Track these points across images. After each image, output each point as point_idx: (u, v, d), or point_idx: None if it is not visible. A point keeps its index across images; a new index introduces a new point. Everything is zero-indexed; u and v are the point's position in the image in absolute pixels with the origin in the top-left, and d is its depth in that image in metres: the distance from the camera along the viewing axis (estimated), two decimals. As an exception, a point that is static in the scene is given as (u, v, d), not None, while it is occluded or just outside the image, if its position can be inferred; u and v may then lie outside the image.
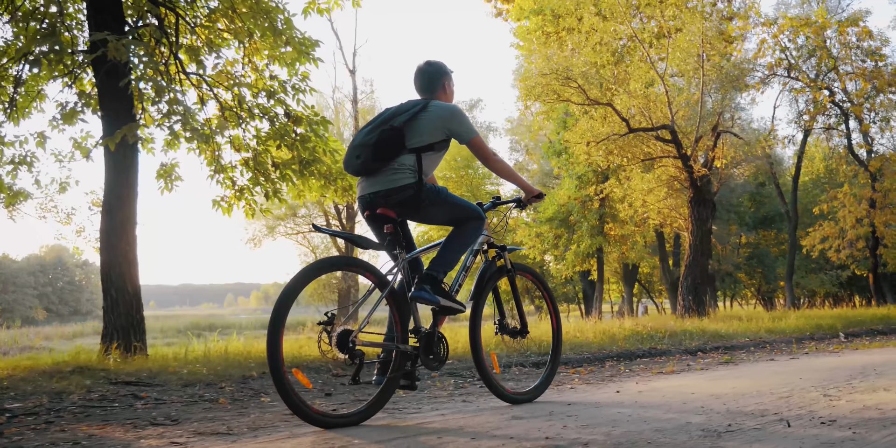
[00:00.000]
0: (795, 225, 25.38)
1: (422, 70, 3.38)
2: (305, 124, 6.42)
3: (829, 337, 8.99)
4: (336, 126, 25.45)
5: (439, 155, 3.26)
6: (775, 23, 21.56)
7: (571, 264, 20.01)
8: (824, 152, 26.51)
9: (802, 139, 25.12)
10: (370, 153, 3.04)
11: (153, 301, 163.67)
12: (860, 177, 23.00)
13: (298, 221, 26.21)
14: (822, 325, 9.81)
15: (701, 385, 4.01)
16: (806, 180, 33.33)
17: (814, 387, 3.75)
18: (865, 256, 25.08)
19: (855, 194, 22.66)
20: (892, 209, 22.24)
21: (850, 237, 22.64)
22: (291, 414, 3.10)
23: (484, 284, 3.46)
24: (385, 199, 3.07)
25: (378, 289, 3.03)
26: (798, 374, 4.41)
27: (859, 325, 10.40)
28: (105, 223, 5.93)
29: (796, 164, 25.46)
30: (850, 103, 22.54)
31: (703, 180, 11.68)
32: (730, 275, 35.30)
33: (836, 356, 5.97)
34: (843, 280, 33.81)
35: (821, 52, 21.75)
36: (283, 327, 2.73)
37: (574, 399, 3.54)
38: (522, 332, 3.63)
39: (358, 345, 2.83)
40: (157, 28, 5.85)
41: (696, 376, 4.55)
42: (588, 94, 10.87)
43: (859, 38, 21.81)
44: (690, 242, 11.82)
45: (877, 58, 21.09)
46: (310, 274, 2.86)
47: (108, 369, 4.69)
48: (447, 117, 3.19)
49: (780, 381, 4.08)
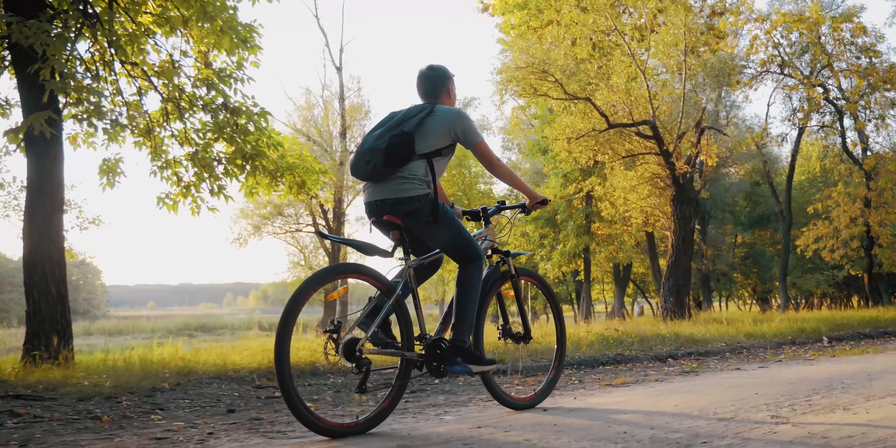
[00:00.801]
0: (789, 225, 24.97)
1: (425, 75, 3.32)
2: (246, 116, 6.01)
3: (812, 341, 8.59)
4: (325, 124, 25.07)
5: (446, 160, 3.22)
6: (768, 18, 21.14)
7: (557, 264, 19.58)
8: (819, 151, 26.05)
9: (797, 137, 24.70)
10: (380, 158, 2.97)
11: (152, 301, 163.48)
12: (855, 175, 22.58)
13: (287, 220, 25.78)
14: (805, 328, 9.40)
15: (642, 402, 3.61)
16: (802, 180, 32.92)
17: (766, 405, 3.35)
18: (860, 256, 24.65)
19: (849, 193, 22.22)
20: (887, 208, 21.81)
21: (844, 237, 22.22)
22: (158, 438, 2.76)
23: (487, 290, 3.40)
24: (392, 208, 3.03)
25: (384, 296, 3.00)
26: (756, 388, 4.02)
27: (846, 329, 10.00)
28: (27, 222, 5.54)
29: (790, 163, 25.02)
30: (846, 101, 22.08)
31: (686, 178, 11.27)
32: (725, 275, 34.93)
33: (808, 365, 5.57)
34: (839, 280, 33.43)
35: (814, 49, 21.32)
36: (290, 336, 2.69)
37: (487, 421, 3.14)
38: (526, 338, 3.61)
39: (365, 353, 2.82)
40: (81, 12, 5.45)
41: (645, 390, 4.15)
42: (566, 88, 10.45)
43: (853, 35, 21.39)
44: (673, 242, 11.40)
45: (871, 54, 20.65)
46: (317, 281, 2.81)
47: (5, 380, 4.31)
48: (454, 121, 3.14)
49: (733, 396, 3.68)
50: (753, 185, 34.28)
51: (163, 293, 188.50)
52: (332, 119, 25.22)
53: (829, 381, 4.21)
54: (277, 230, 25.78)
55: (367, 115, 25.20)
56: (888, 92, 21.67)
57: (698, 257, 32.97)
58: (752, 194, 35.58)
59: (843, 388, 3.90)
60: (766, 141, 24.56)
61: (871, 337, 9.38)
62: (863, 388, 3.85)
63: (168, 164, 6.60)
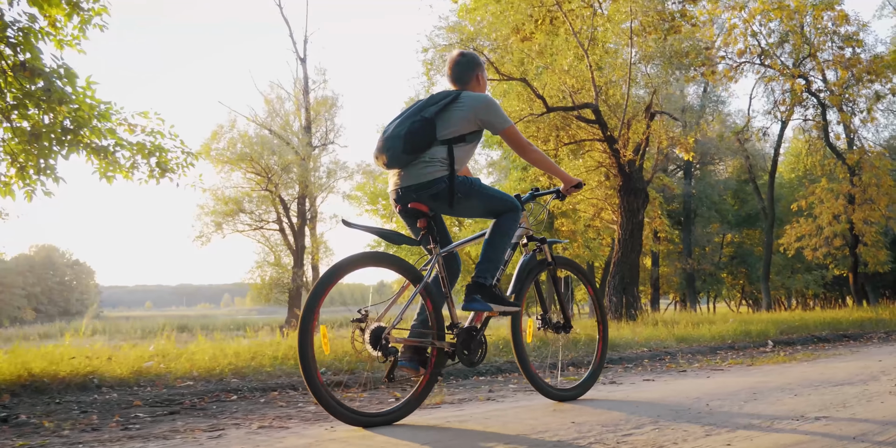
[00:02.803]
0: (772, 222, 23.98)
1: (455, 61, 3.25)
2: (45, 78, 5.08)
3: (756, 345, 7.66)
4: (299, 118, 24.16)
5: (472, 146, 3.15)
6: (747, 6, 20.18)
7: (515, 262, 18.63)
8: (801, 145, 25.07)
9: (780, 132, 23.75)
10: (400, 144, 2.94)
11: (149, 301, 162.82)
12: (838, 171, 21.59)
13: (252, 217, 24.84)
14: (751, 331, 8.44)
15: (411, 435, 2.68)
16: (792, 177, 31.92)
17: (559, 443, 2.43)
18: (845, 255, 23.66)
19: (832, 189, 21.25)
20: (872, 205, 20.78)
21: (827, 234, 21.24)
22: None
23: (524, 278, 3.37)
24: (417, 194, 2.98)
25: (412, 284, 2.95)
26: (581, 413, 3.08)
27: (801, 331, 9.08)
28: None
29: (773, 158, 24.05)
30: (831, 93, 21.06)
31: (634, 167, 10.31)
32: (713, 275, 33.98)
33: (704, 377, 4.63)
34: (829, 281, 32.44)
35: (795, 38, 20.35)
36: (312, 326, 2.64)
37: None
38: (566, 327, 3.57)
39: (391, 342, 2.77)
40: None
41: (443, 413, 3.22)
42: (500, 68, 9.50)
43: (836, 24, 20.38)
44: (619, 236, 10.45)
45: (853, 43, 19.66)
46: (340, 270, 2.74)
47: None
48: (480, 107, 3.07)
49: (543, 424, 2.76)
50: (742, 183, 33.33)
51: (161, 294, 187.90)
52: (297, 112, 24.33)
53: (693, 403, 3.28)
54: (242, 228, 24.86)
55: (331, 109, 24.26)
56: (873, 83, 20.65)
57: (684, 257, 32.09)
58: (739, 192, 34.65)
59: (695, 414, 2.97)
60: (749, 135, 23.62)
61: (826, 341, 8.45)
62: (722, 415, 2.93)
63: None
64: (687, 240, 31.19)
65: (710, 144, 30.15)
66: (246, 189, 22.79)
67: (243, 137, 22.60)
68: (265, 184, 22.25)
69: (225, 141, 22.69)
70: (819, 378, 4.29)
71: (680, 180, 31.69)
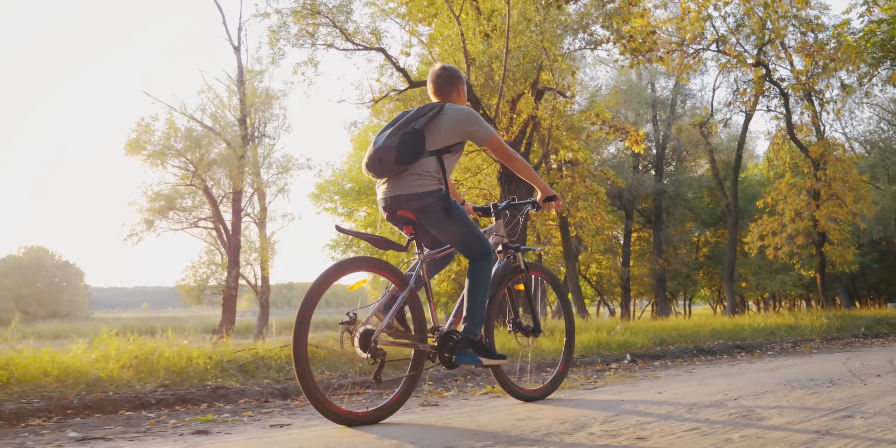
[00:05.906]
0: (736, 220, 22.59)
1: (437, 74, 3.37)
2: None
3: (615, 359, 6.36)
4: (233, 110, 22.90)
5: (457, 156, 3.26)
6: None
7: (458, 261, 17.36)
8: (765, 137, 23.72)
9: (743, 123, 22.41)
10: (393, 155, 3.03)
11: (146, 303, 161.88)
12: (801, 164, 20.27)
13: (185, 214, 23.54)
14: (628, 342, 7.11)
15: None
16: (770, 175, 30.58)
17: None
18: (811, 254, 22.34)
19: (795, 184, 19.91)
20: (836, 201, 19.42)
21: (789, 232, 19.91)
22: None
23: (496, 284, 3.47)
24: (405, 204, 3.08)
25: (399, 288, 3.05)
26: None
27: (724, 337, 7.84)
28: None
29: (737, 152, 22.69)
30: (797, 81, 19.65)
31: (521, 153, 8.99)
32: (687, 276, 32.66)
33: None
34: (805, 282, 31.09)
35: (753, 22, 18.98)
36: (307, 327, 2.74)
37: None
38: (535, 331, 3.69)
39: (380, 344, 2.86)
40: None
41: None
42: (350, 36, 8.19)
43: (797, 7, 18.99)
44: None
45: (814, 27, 18.30)
46: (332, 274, 2.86)
47: None
48: (463, 119, 3.18)
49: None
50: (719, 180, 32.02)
51: (159, 295, 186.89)
52: (232, 105, 23.06)
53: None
54: (174, 226, 23.59)
55: (269, 101, 22.99)
56: (839, 71, 19.25)
57: (654, 257, 30.75)
58: (715, 189, 33.32)
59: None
60: (711, 128, 22.29)
61: (710, 353, 7.17)
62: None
63: None
64: (658, 239, 29.86)
65: (675, 139, 28.85)
66: (171, 184, 21.55)
67: (171, 129, 21.37)
68: (190, 179, 20.98)
69: (157, 134, 21.48)
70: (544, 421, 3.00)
71: (650, 177, 30.40)
